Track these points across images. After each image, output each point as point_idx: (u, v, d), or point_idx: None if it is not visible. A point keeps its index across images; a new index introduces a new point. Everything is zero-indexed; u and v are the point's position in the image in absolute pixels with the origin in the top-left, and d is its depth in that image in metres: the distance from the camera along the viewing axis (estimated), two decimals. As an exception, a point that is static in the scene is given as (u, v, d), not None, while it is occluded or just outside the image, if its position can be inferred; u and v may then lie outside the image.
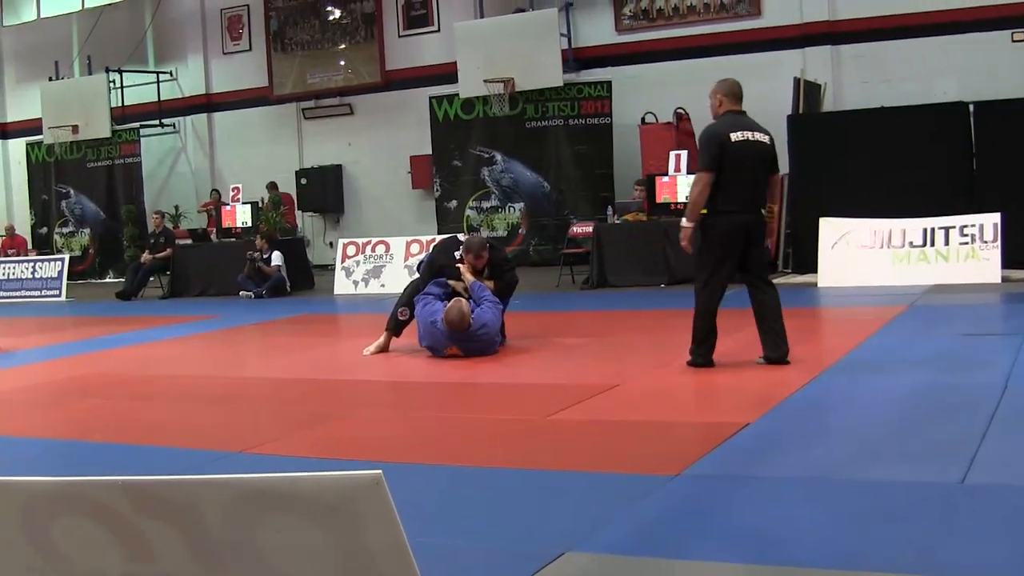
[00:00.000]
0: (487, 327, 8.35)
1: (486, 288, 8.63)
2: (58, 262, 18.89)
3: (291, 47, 21.61)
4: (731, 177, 6.94)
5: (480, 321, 8.28)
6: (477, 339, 8.32)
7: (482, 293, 8.57)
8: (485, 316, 8.36)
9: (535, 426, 5.79)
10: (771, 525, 3.83)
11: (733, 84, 7.31)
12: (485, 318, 8.35)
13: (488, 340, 8.44)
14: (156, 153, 23.19)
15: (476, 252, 8.76)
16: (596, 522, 3.97)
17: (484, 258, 8.80)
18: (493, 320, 8.43)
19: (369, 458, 5.12)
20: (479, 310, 8.36)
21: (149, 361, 9.69)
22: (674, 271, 13.80)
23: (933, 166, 13.32)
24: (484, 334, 8.35)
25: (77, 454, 5.81)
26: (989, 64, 15.63)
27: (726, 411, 6.04)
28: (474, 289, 8.60)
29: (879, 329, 8.68)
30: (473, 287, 8.61)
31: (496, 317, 8.51)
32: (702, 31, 17.96)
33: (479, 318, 8.29)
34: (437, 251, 9.30)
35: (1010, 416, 5.32)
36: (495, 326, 8.48)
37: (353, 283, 15.65)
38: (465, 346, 8.31)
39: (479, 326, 8.27)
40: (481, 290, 8.59)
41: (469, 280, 8.63)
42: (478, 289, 8.60)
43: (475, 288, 8.60)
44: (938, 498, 4.07)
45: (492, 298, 8.58)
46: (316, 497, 1.85)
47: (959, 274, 11.91)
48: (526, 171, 18.91)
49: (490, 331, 8.40)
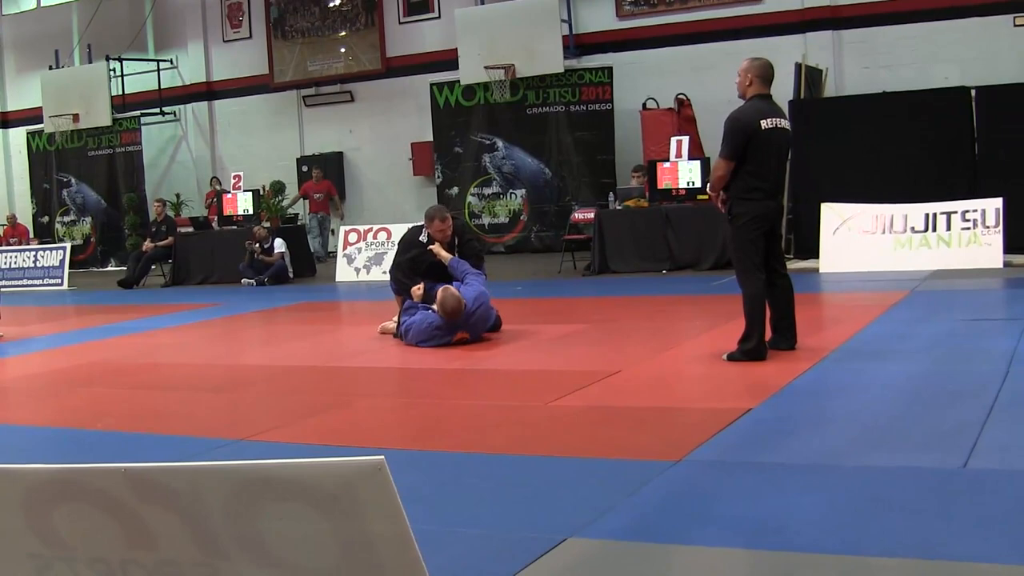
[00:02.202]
0: (480, 298, 8.37)
1: (464, 262, 8.65)
2: (60, 251, 18.89)
3: (291, 34, 21.56)
4: (759, 165, 6.84)
5: (472, 296, 8.30)
6: (478, 316, 8.35)
7: (462, 267, 8.61)
8: (475, 288, 8.39)
9: (536, 413, 5.80)
10: (772, 511, 3.84)
11: (767, 66, 7.01)
12: (476, 290, 8.38)
13: (486, 311, 8.47)
14: (157, 141, 23.17)
15: (440, 215, 8.76)
16: (598, 508, 3.98)
17: (448, 221, 8.77)
18: (484, 291, 8.47)
19: (371, 445, 5.13)
20: (466, 288, 8.37)
21: (151, 349, 9.70)
22: (676, 257, 13.81)
23: (935, 151, 13.29)
24: (481, 306, 8.36)
25: (79, 442, 5.82)
26: (991, 49, 15.59)
27: (727, 397, 6.04)
28: (453, 266, 8.63)
29: (881, 315, 8.68)
30: (451, 264, 8.64)
31: (484, 287, 8.54)
32: (703, 16, 17.91)
33: (469, 294, 8.30)
34: (404, 243, 9.19)
35: (1011, 402, 5.32)
36: (487, 295, 8.50)
37: (355, 270, 15.64)
38: (470, 327, 8.33)
39: (473, 300, 8.29)
40: (460, 265, 8.63)
41: (446, 258, 8.64)
42: (457, 265, 8.63)
43: (454, 265, 8.63)
44: (939, 484, 4.07)
45: (473, 270, 8.63)
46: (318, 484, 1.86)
47: (961, 259, 11.88)
48: (527, 157, 18.89)
49: (485, 300, 8.43)
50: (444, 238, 8.72)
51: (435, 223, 8.70)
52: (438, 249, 8.68)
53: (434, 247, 8.70)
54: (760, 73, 6.97)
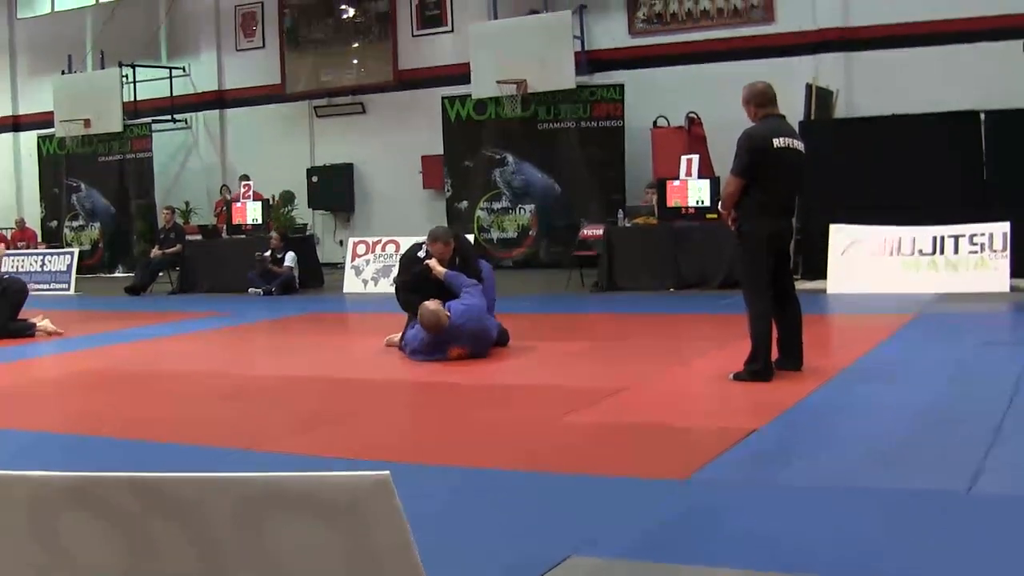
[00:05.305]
0: (470, 311, 8.23)
1: (460, 275, 8.59)
2: (67, 256, 18.94)
3: (305, 45, 21.62)
4: (770, 184, 6.81)
5: (459, 309, 8.18)
6: (468, 330, 8.21)
7: (457, 281, 8.53)
8: (466, 302, 8.28)
9: (544, 428, 5.79)
10: (778, 532, 3.82)
11: (763, 88, 6.97)
12: (466, 303, 8.26)
13: (479, 325, 8.31)
14: (167, 149, 23.23)
15: (444, 239, 8.79)
16: (603, 526, 3.96)
17: (451, 245, 8.79)
18: (476, 304, 8.33)
19: (377, 458, 5.11)
20: (456, 302, 8.28)
21: (158, 357, 9.70)
22: (683, 275, 13.80)
23: (943, 174, 13.29)
24: (470, 319, 8.22)
25: (85, 449, 5.82)
26: (1000, 73, 15.58)
27: (735, 416, 6.03)
28: (450, 280, 8.56)
29: (888, 337, 8.67)
30: (447, 278, 8.57)
31: (479, 299, 8.40)
32: (715, 35, 17.94)
33: (457, 307, 8.18)
34: (405, 260, 9.28)
35: (1016, 426, 5.32)
36: (479, 308, 8.36)
37: (363, 282, 15.67)
38: (461, 340, 8.23)
39: (460, 314, 8.15)
40: (456, 278, 8.55)
41: (441, 272, 8.60)
42: (452, 278, 8.56)
43: (450, 279, 8.56)
44: (945, 507, 4.05)
45: (469, 282, 8.53)
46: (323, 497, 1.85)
47: (968, 283, 11.88)
48: (537, 173, 18.90)
49: (475, 313, 8.27)
50: (442, 259, 8.73)
51: (437, 245, 8.74)
52: (434, 264, 8.67)
53: (431, 261, 8.70)
54: (760, 100, 6.94)
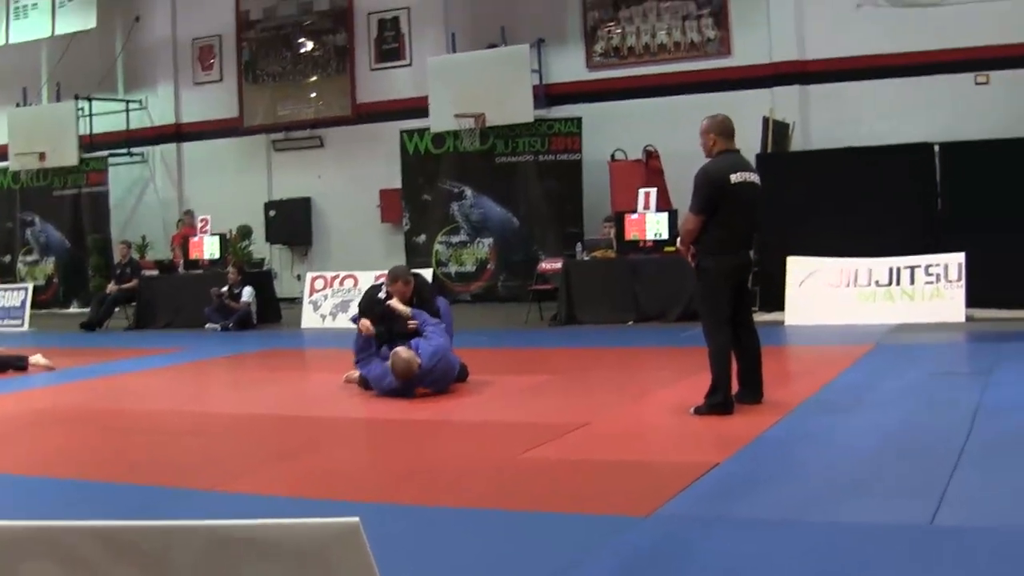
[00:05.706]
0: (437, 352, 8.21)
1: (423, 313, 8.60)
2: (21, 291, 18.69)
3: (262, 78, 21.59)
4: (729, 219, 6.86)
5: (429, 352, 8.16)
6: (437, 372, 8.21)
7: (422, 318, 8.54)
8: (433, 343, 8.27)
9: (506, 465, 5.77)
10: (741, 567, 3.83)
11: (725, 121, 7.06)
12: (434, 345, 8.25)
13: (446, 365, 8.32)
14: (124, 182, 23.02)
15: (404, 278, 8.82)
16: (563, 564, 3.96)
17: (411, 284, 8.83)
18: (442, 344, 8.34)
19: (342, 497, 5.08)
20: (424, 341, 8.27)
21: (116, 394, 9.60)
22: (642, 308, 13.85)
23: (899, 206, 13.44)
24: (440, 361, 8.22)
25: (43, 492, 5.72)
26: (954, 106, 15.85)
27: (696, 450, 6.05)
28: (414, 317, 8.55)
29: (846, 368, 8.74)
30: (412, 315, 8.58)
31: (444, 340, 8.42)
32: (673, 69, 18.09)
33: (427, 350, 8.17)
34: (365, 300, 9.30)
35: (976, 455, 5.37)
36: (445, 348, 8.37)
37: (320, 317, 15.58)
38: (427, 381, 8.21)
39: (430, 357, 8.14)
40: (419, 315, 8.56)
41: (405, 312, 8.60)
42: (417, 316, 8.56)
43: (415, 316, 8.56)
44: (908, 540, 4.08)
45: (432, 321, 8.54)
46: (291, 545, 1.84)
47: (924, 313, 12.02)
48: (495, 206, 18.93)
49: (443, 355, 8.27)
50: (403, 298, 8.74)
51: (398, 284, 8.75)
52: (396, 303, 8.67)
53: (392, 302, 8.70)
54: (721, 130, 7.02)
